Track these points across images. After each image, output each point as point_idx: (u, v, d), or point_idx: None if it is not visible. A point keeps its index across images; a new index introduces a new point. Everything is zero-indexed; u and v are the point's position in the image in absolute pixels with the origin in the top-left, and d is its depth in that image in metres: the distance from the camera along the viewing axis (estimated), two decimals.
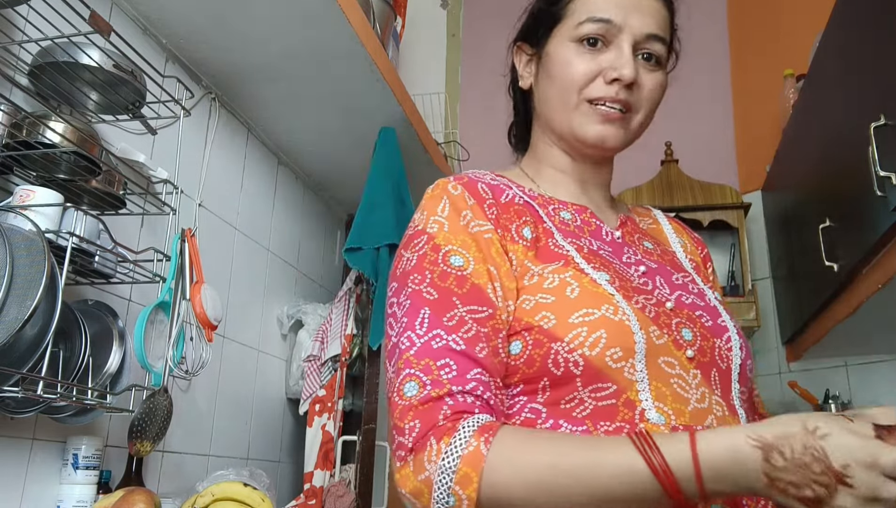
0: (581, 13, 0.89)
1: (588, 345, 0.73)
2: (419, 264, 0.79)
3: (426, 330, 0.73)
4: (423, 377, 0.70)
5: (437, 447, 0.65)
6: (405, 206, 2.22)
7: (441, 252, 0.79)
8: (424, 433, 0.67)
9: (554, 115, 0.92)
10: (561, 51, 0.90)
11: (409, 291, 0.77)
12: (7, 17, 1.30)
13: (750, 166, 2.64)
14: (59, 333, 1.19)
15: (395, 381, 0.72)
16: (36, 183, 1.27)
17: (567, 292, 0.77)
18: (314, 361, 2.27)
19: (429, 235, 0.81)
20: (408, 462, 0.67)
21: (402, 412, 0.69)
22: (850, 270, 1.48)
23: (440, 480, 0.64)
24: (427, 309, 0.75)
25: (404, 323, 0.75)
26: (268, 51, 1.82)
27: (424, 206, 0.86)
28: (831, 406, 2.06)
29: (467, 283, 0.77)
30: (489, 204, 0.85)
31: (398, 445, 0.68)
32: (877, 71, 1.32)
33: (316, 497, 2.09)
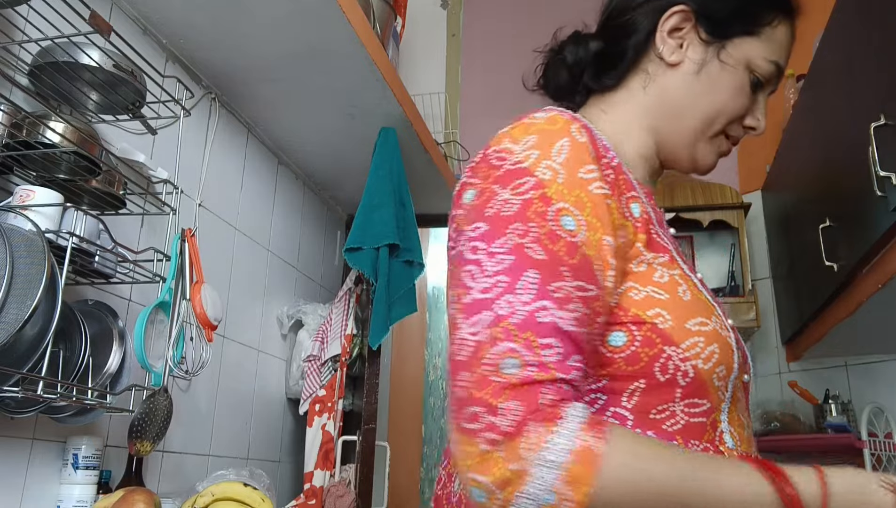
0: (772, 50, 0.83)
1: (703, 357, 0.68)
2: (522, 211, 0.65)
3: (531, 298, 0.61)
4: (525, 355, 0.58)
5: (540, 435, 0.56)
6: (405, 206, 2.22)
7: (552, 207, 0.65)
8: (524, 417, 0.56)
9: (690, 122, 0.82)
10: (741, 73, 0.82)
11: (511, 243, 0.63)
12: (7, 17, 1.30)
13: (750, 166, 2.64)
14: (59, 333, 1.19)
15: (487, 348, 0.59)
16: (36, 183, 1.27)
17: (679, 293, 0.70)
18: (314, 361, 2.27)
19: (538, 180, 0.66)
20: (499, 446, 0.56)
21: (497, 390, 0.58)
22: (849, 270, 1.48)
23: (539, 473, 0.55)
24: (534, 272, 0.62)
25: (503, 282, 0.61)
26: (268, 51, 1.82)
27: (535, 140, 0.70)
28: (831, 406, 2.06)
29: (578, 253, 0.64)
30: (605, 162, 0.72)
31: (489, 425, 0.57)
32: (877, 71, 1.32)
33: (316, 497, 2.09)
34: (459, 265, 0.66)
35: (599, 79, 0.87)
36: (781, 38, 0.84)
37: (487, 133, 2.88)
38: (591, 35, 0.90)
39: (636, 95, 0.85)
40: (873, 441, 1.85)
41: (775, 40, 0.83)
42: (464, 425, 0.59)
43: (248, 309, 2.18)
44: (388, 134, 2.21)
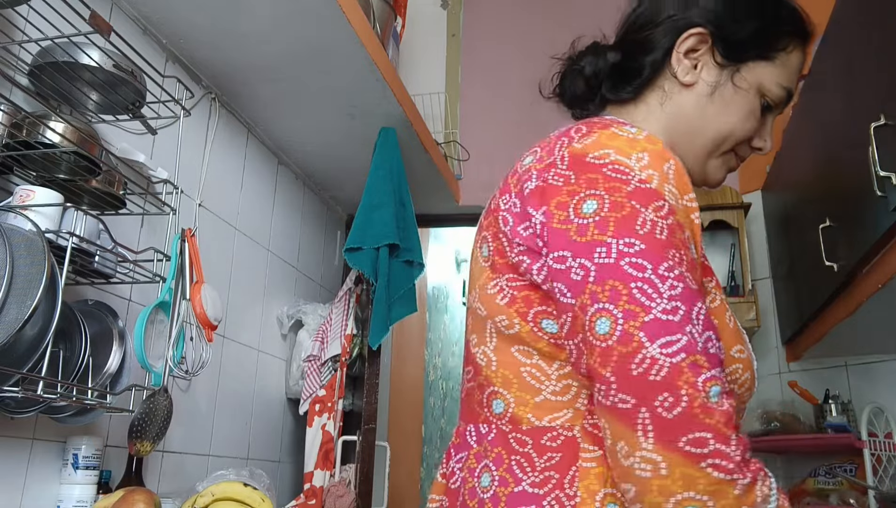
0: (785, 76, 0.84)
1: (739, 383, 0.72)
2: (671, 238, 0.67)
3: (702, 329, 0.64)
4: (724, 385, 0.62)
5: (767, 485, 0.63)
6: (405, 206, 2.22)
7: (685, 235, 0.68)
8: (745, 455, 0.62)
9: (703, 141, 0.84)
10: (753, 97, 0.83)
11: (677, 271, 0.65)
12: (7, 17, 1.30)
13: (750, 166, 2.64)
14: (59, 333, 1.19)
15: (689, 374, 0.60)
16: (36, 183, 1.27)
17: (727, 319, 0.74)
18: (314, 361, 2.27)
19: (670, 206, 0.68)
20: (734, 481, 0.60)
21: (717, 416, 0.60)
22: (849, 270, 1.48)
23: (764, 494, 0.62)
24: (699, 303, 0.65)
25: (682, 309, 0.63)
26: (268, 51, 1.83)
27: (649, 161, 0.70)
28: (831, 406, 2.06)
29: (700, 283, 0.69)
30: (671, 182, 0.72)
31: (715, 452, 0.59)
32: (877, 71, 1.31)
33: (316, 497, 2.09)
34: (617, 278, 0.64)
35: (617, 91, 0.88)
36: (794, 64, 0.85)
37: (487, 133, 2.90)
38: (609, 46, 0.92)
39: (654, 111, 0.86)
40: (873, 441, 1.84)
41: (789, 66, 0.84)
42: (688, 448, 0.59)
43: (248, 309, 2.18)
44: (388, 134, 2.21)
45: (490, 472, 0.74)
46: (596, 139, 0.72)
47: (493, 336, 0.76)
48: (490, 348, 0.77)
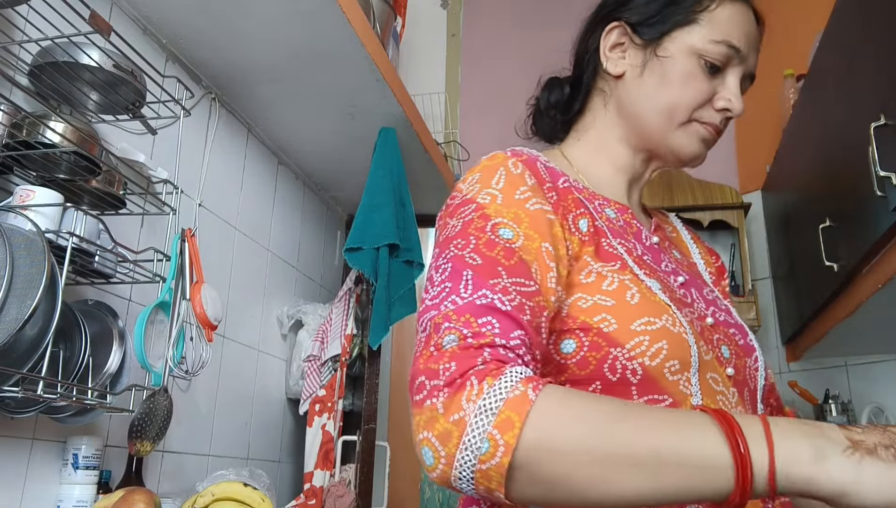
0: (717, 31, 0.84)
1: (649, 355, 0.70)
2: (464, 230, 0.72)
3: (471, 292, 0.65)
4: (463, 331, 0.62)
5: (479, 386, 0.57)
6: (405, 206, 2.22)
7: (490, 222, 0.72)
8: (463, 372, 0.58)
9: (651, 119, 0.87)
10: (685, 61, 0.84)
11: (451, 255, 0.70)
12: (7, 17, 1.30)
13: (750, 166, 2.64)
14: (59, 333, 1.19)
15: (433, 337, 0.63)
16: (36, 183, 1.27)
17: (627, 297, 0.73)
18: (314, 361, 2.27)
19: (478, 204, 0.74)
20: (437, 400, 0.58)
21: (437, 358, 0.60)
22: (849, 270, 1.48)
23: (476, 421, 0.55)
24: (470, 272, 0.67)
25: (446, 287, 0.67)
26: (267, 51, 1.82)
27: (478, 176, 0.78)
28: (831, 406, 2.06)
29: (515, 256, 0.69)
30: (549, 187, 0.79)
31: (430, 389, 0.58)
32: (877, 71, 1.31)
33: (316, 497, 2.09)
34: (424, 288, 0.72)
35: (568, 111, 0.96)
36: (727, 17, 0.85)
37: (487, 133, 2.90)
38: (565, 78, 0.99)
39: (600, 115, 0.92)
40: None
41: (718, 21, 0.85)
42: (414, 398, 0.60)
43: (248, 309, 2.18)
44: (388, 134, 2.21)
45: None
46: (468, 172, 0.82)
47: None
48: None
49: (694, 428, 0.56)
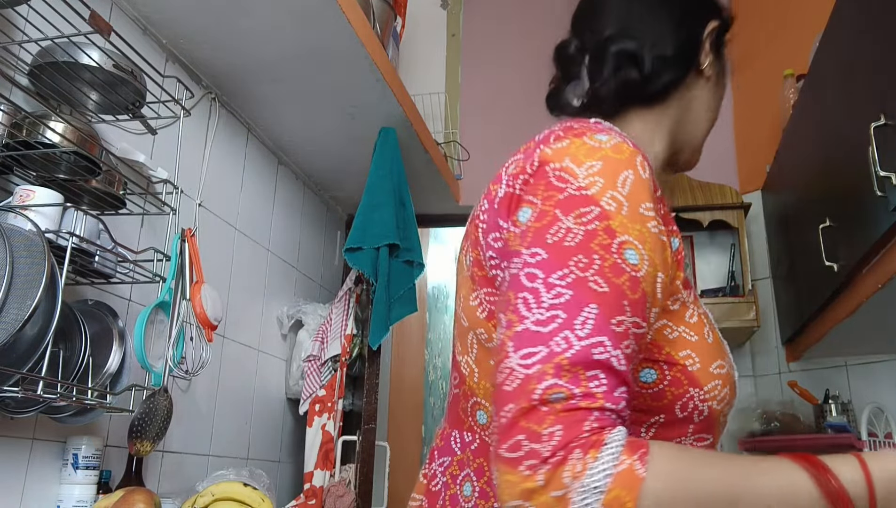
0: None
1: (718, 399, 0.71)
2: (586, 243, 0.62)
3: (588, 333, 0.59)
4: (573, 390, 0.57)
5: (583, 461, 0.54)
6: (405, 206, 2.22)
7: (616, 240, 0.63)
8: (567, 443, 0.54)
9: (706, 127, 0.88)
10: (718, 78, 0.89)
11: (572, 277, 0.61)
12: (7, 17, 1.30)
13: (750, 166, 2.64)
14: (59, 333, 1.19)
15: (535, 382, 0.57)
16: (36, 183, 1.27)
17: (705, 334, 0.72)
18: (314, 361, 2.27)
19: (603, 211, 0.64)
20: (538, 472, 0.54)
21: (541, 416, 0.56)
22: (849, 270, 1.48)
23: (582, 500, 0.53)
24: (594, 307, 0.60)
25: (560, 318, 0.59)
26: (268, 51, 1.83)
27: (601, 167, 0.66)
28: (831, 406, 2.06)
29: (638, 289, 0.63)
30: (658, 197, 0.70)
31: (530, 452, 0.55)
32: (877, 71, 1.31)
33: (316, 497, 2.09)
34: (514, 290, 0.63)
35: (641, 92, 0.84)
36: None
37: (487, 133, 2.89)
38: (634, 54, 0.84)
39: (671, 106, 0.85)
40: (873, 441, 1.84)
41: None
42: (506, 454, 0.56)
43: (248, 309, 2.18)
44: (388, 134, 2.21)
45: (472, 482, 0.74)
46: (563, 147, 0.70)
47: (474, 347, 0.76)
48: (472, 358, 0.77)
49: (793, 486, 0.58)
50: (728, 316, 2.31)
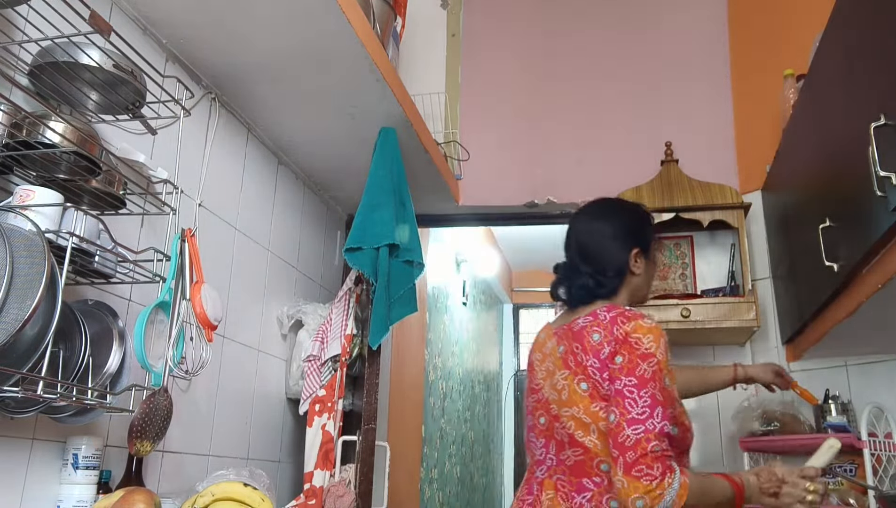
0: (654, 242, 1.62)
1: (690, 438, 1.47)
2: (654, 376, 1.33)
3: (660, 418, 1.30)
4: (662, 446, 1.28)
5: (670, 479, 1.26)
6: (405, 206, 2.22)
7: (663, 373, 1.34)
8: (664, 471, 1.26)
9: (643, 290, 1.59)
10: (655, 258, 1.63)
11: (650, 392, 1.31)
12: (7, 17, 1.30)
13: (750, 166, 2.64)
14: (59, 333, 1.19)
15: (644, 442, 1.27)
16: (36, 183, 1.27)
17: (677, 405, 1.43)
18: (314, 361, 2.27)
19: (658, 360, 1.34)
20: (654, 482, 1.25)
21: (651, 459, 1.26)
22: (849, 270, 1.48)
23: (668, 495, 1.25)
24: (660, 409, 1.31)
25: (648, 411, 1.30)
26: (268, 51, 1.83)
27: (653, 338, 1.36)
28: (831, 406, 2.06)
29: (671, 395, 1.37)
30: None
31: (648, 474, 1.25)
32: (877, 71, 1.31)
33: (316, 497, 2.09)
34: (621, 398, 1.32)
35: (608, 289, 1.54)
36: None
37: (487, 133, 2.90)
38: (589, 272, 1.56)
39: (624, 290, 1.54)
40: (873, 441, 1.84)
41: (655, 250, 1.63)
42: (635, 474, 1.26)
43: (248, 309, 2.18)
44: (388, 134, 2.21)
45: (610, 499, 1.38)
46: (634, 325, 1.37)
47: (596, 432, 1.38)
48: (595, 437, 1.38)
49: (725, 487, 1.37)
50: (728, 316, 2.31)
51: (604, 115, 2.91)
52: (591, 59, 2.99)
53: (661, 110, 2.85)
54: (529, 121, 2.96)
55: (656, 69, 2.91)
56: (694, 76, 2.86)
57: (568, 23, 3.05)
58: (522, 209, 2.87)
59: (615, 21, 3.02)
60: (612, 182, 2.67)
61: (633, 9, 3.01)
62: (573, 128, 2.92)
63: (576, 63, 2.99)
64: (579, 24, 3.04)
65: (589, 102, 2.94)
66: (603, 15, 3.04)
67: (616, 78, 2.94)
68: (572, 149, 2.89)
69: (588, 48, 3.00)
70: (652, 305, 2.36)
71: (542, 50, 3.05)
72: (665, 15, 2.97)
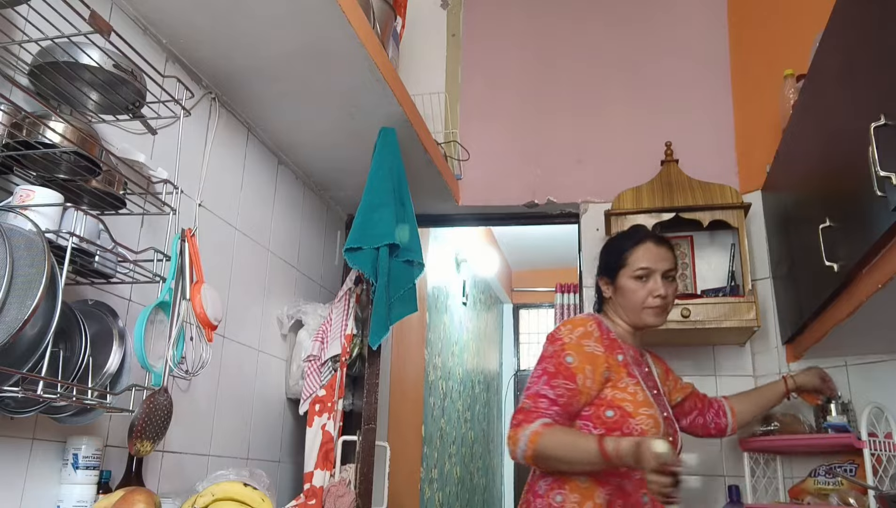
0: (634, 265, 1.76)
1: (644, 425, 1.60)
2: (555, 353, 1.63)
3: (541, 385, 1.59)
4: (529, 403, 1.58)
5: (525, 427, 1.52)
6: (405, 206, 2.22)
7: (563, 352, 1.62)
8: (520, 421, 1.54)
9: (629, 313, 1.77)
10: (628, 283, 1.77)
11: (543, 366, 1.63)
12: (7, 17, 1.30)
13: (750, 166, 2.64)
14: (59, 333, 1.19)
15: (524, 401, 1.59)
16: (36, 183, 1.27)
17: (637, 396, 1.63)
18: (314, 361, 2.27)
19: (564, 342, 1.65)
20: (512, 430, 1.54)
21: (519, 412, 1.57)
22: (850, 270, 1.48)
23: (522, 438, 1.52)
24: (545, 377, 1.60)
25: (535, 381, 1.61)
26: (268, 51, 1.83)
27: (571, 327, 1.69)
28: (831, 406, 2.06)
29: (568, 370, 1.60)
30: (606, 338, 1.70)
31: (512, 425, 1.56)
32: (877, 71, 1.31)
33: (316, 497, 2.09)
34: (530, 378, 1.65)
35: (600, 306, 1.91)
36: (637, 258, 1.77)
37: (487, 133, 2.90)
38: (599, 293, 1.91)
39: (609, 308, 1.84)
40: (873, 441, 1.84)
41: (635, 261, 1.77)
42: (511, 425, 1.56)
43: (248, 309, 2.18)
44: (388, 134, 2.21)
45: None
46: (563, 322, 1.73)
47: None
48: None
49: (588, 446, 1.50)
50: (728, 316, 2.31)
51: (604, 115, 2.91)
52: (590, 59, 2.99)
53: (661, 110, 2.85)
54: (529, 121, 2.96)
55: (656, 69, 2.91)
56: (694, 76, 2.86)
57: (568, 23, 3.05)
58: (522, 209, 2.87)
59: (615, 21, 3.01)
60: (612, 182, 2.67)
61: (633, 9, 3.01)
62: (573, 128, 2.92)
63: (576, 63, 2.99)
64: (579, 24, 3.04)
65: (589, 101, 2.94)
66: (603, 15, 3.04)
67: (616, 78, 2.94)
68: (572, 149, 2.89)
69: (588, 48, 3.00)
70: None
71: (542, 50, 3.04)
72: (665, 15, 2.97)
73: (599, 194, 2.79)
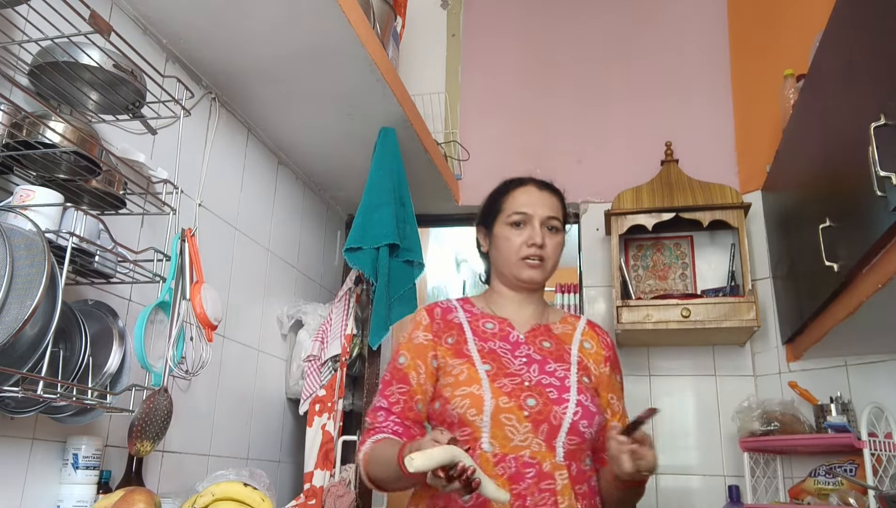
0: (510, 209, 1.46)
1: (460, 407, 1.31)
2: (393, 357, 1.44)
3: (377, 397, 1.41)
4: (367, 419, 1.40)
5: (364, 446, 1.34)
6: (405, 206, 2.22)
7: (399, 353, 1.43)
8: (363, 440, 1.36)
9: (503, 268, 1.47)
10: (503, 230, 1.47)
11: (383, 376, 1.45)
12: (7, 17, 1.30)
13: (750, 166, 2.64)
14: (59, 333, 1.19)
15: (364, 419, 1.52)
16: (36, 183, 1.27)
17: (460, 377, 1.35)
18: (314, 361, 2.27)
19: (399, 343, 1.46)
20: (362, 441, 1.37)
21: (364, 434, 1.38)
22: (850, 270, 1.48)
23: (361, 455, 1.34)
24: (381, 387, 1.43)
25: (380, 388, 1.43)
26: (268, 51, 1.83)
27: (409, 322, 1.50)
28: (831, 406, 2.06)
29: (400, 372, 1.40)
30: (436, 323, 1.45)
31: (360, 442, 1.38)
32: (877, 71, 1.31)
33: (316, 497, 2.09)
34: None
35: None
36: (516, 199, 1.48)
37: (487, 133, 2.91)
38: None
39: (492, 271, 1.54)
40: (873, 441, 1.84)
41: (512, 205, 1.47)
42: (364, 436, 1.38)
43: (248, 309, 2.18)
44: (388, 134, 2.21)
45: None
46: None
47: None
48: None
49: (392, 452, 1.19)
50: (728, 316, 2.31)
51: (604, 115, 2.91)
52: (591, 59, 2.99)
53: (661, 110, 2.85)
54: (529, 120, 2.96)
55: (656, 69, 2.91)
56: (694, 76, 2.86)
57: (568, 23, 3.05)
58: None
59: (615, 21, 3.02)
60: (612, 182, 2.67)
61: (633, 9, 3.01)
62: (573, 128, 2.92)
63: (576, 63, 2.99)
64: (579, 24, 3.04)
65: (589, 101, 2.94)
66: (603, 15, 3.04)
67: (616, 78, 2.94)
68: (572, 149, 2.89)
69: (588, 48, 3.00)
70: (652, 305, 2.36)
71: (542, 50, 3.04)
72: (665, 15, 2.97)
73: (599, 194, 2.79)
